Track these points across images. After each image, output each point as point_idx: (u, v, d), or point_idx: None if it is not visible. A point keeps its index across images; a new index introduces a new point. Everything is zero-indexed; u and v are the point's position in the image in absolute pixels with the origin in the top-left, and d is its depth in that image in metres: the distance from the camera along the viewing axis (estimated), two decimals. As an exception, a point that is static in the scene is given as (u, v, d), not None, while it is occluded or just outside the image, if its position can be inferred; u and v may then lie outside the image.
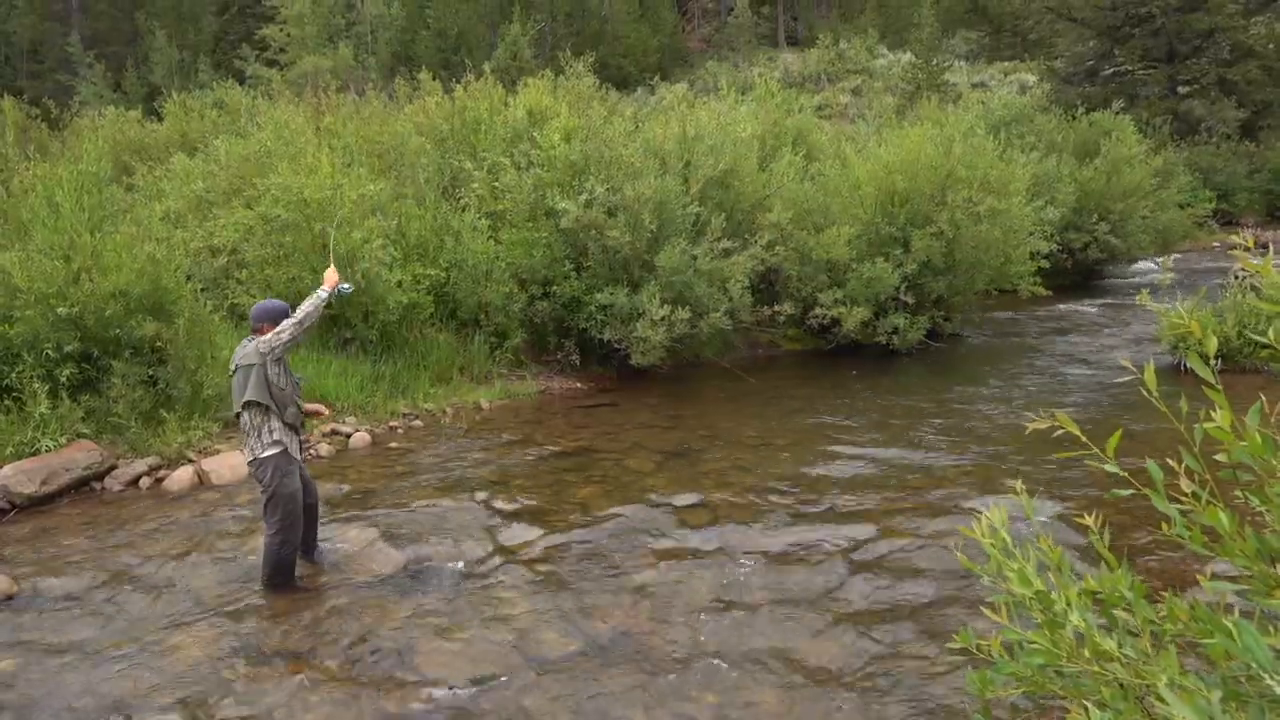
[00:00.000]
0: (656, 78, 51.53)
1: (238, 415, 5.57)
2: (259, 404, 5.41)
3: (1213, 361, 2.03)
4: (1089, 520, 2.44)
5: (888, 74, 48.77)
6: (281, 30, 39.26)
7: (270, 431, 5.46)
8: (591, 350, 11.95)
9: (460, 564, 6.05)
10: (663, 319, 10.78)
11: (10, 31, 52.19)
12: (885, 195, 13.39)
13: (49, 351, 7.96)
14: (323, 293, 5.61)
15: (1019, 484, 2.50)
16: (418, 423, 9.87)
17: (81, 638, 5.12)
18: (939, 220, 12.78)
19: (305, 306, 5.51)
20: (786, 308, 12.47)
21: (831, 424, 9.51)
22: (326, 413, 6.30)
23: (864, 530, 6.45)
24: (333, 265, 5.98)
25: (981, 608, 2.43)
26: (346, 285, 5.95)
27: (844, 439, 8.90)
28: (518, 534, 6.56)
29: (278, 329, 5.46)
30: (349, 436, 9.19)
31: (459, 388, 10.86)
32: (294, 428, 5.63)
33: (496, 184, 12.36)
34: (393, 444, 9.15)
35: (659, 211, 11.27)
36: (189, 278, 9.51)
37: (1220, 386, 2.00)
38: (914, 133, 14.09)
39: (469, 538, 6.48)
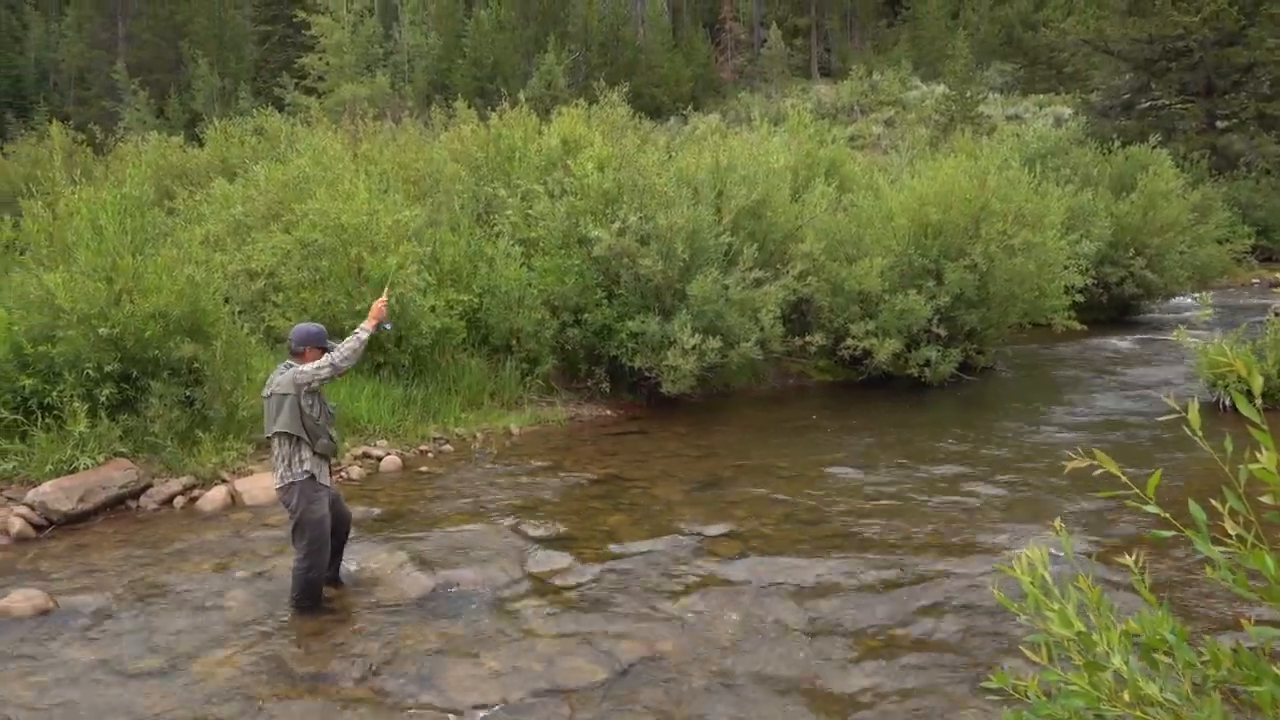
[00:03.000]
0: (689, 108, 51.94)
1: (269, 440, 5.63)
2: (290, 434, 5.46)
3: (1258, 400, 2.00)
4: (1129, 560, 2.40)
5: (921, 105, 48.83)
6: (320, 59, 39.89)
7: (300, 462, 5.50)
8: (622, 378, 11.96)
9: (489, 589, 6.06)
10: (693, 348, 10.78)
11: (59, 59, 53.63)
12: (918, 227, 13.35)
13: (89, 371, 8.09)
14: (363, 333, 5.59)
15: (1058, 522, 2.47)
16: (448, 447, 9.90)
17: (114, 655, 5.16)
18: (972, 253, 12.72)
19: (347, 347, 5.52)
20: (818, 338, 12.41)
21: (863, 456, 9.45)
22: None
23: (896, 564, 6.38)
24: (385, 297, 5.99)
25: (1021, 647, 2.39)
26: (388, 324, 5.94)
27: (875, 472, 8.83)
28: (546, 560, 6.55)
29: (318, 364, 5.47)
30: (380, 460, 9.24)
31: (489, 413, 10.90)
32: (324, 456, 5.68)
33: (530, 211, 12.46)
34: (423, 468, 9.20)
35: (691, 241, 11.31)
36: (227, 300, 9.64)
37: (1266, 426, 1.97)
38: (948, 164, 14.07)
39: (498, 563, 6.48)
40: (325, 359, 5.51)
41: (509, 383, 11.40)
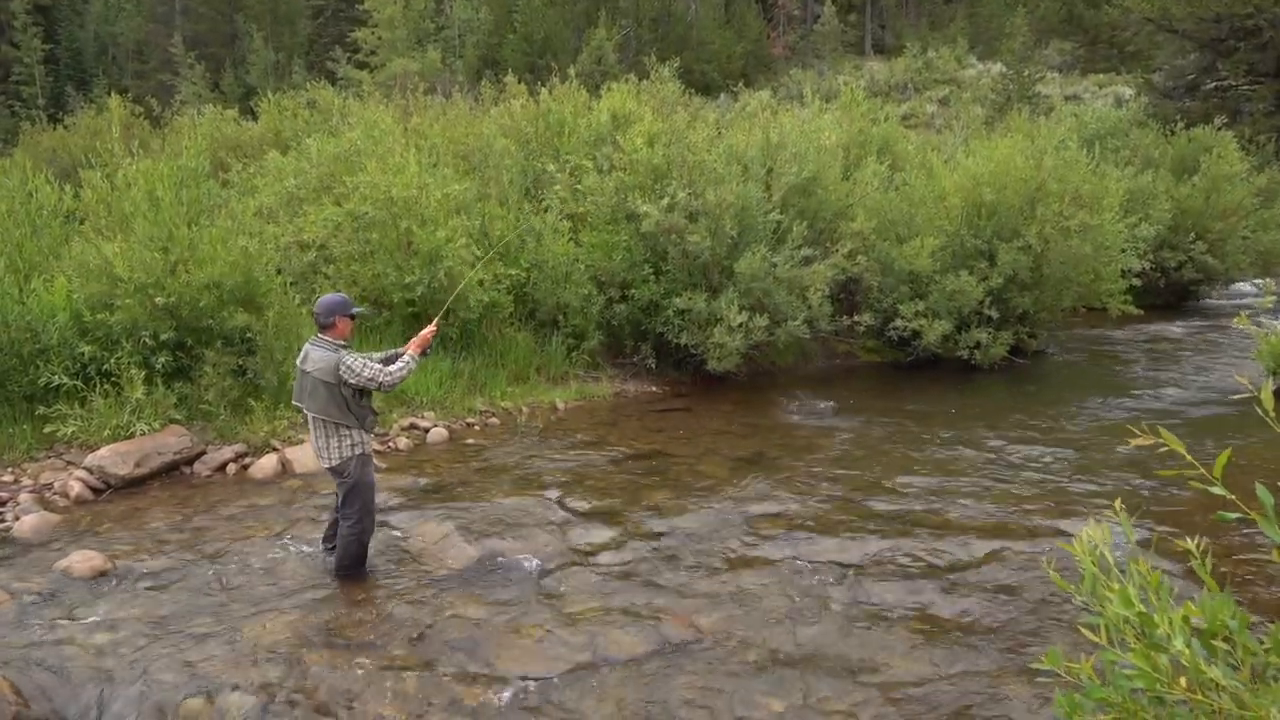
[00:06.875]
0: (740, 84, 51.35)
1: (299, 408, 5.64)
2: (343, 424, 5.51)
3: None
4: (1189, 544, 2.34)
5: (976, 84, 47.87)
6: (373, 33, 40.23)
7: (354, 445, 5.57)
8: (668, 354, 11.94)
9: (533, 561, 6.10)
10: (740, 325, 10.72)
11: (118, 33, 54.52)
12: (972, 207, 13.11)
13: (146, 339, 8.27)
14: (413, 362, 5.66)
15: (1118, 503, 2.41)
16: (494, 420, 9.97)
17: (168, 615, 5.28)
18: (1027, 234, 12.48)
19: (398, 374, 5.53)
20: (866, 318, 12.28)
21: (910, 437, 9.35)
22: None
23: (944, 546, 6.32)
24: (436, 324, 6.07)
25: (1080, 627, 2.34)
26: (429, 350, 5.95)
27: (923, 453, 8.74)
28: (590, 534, 6.58)
29: (370, 375, 5.41)
30: (427, 431, 9.33)
31: (535, 387, 10.95)
32: (369, 429, 5.74)
33: (578, 186, 12.44)
34: (469, 440, 9.27)
35: (740, 218, 11.22)
36: (279, 271, 9.77)
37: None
38: (1003, 144, 13.79)
39: (542, 536, 6.52)
40: (375, 369, 5.46)
41: (555, 357, 11.43)
